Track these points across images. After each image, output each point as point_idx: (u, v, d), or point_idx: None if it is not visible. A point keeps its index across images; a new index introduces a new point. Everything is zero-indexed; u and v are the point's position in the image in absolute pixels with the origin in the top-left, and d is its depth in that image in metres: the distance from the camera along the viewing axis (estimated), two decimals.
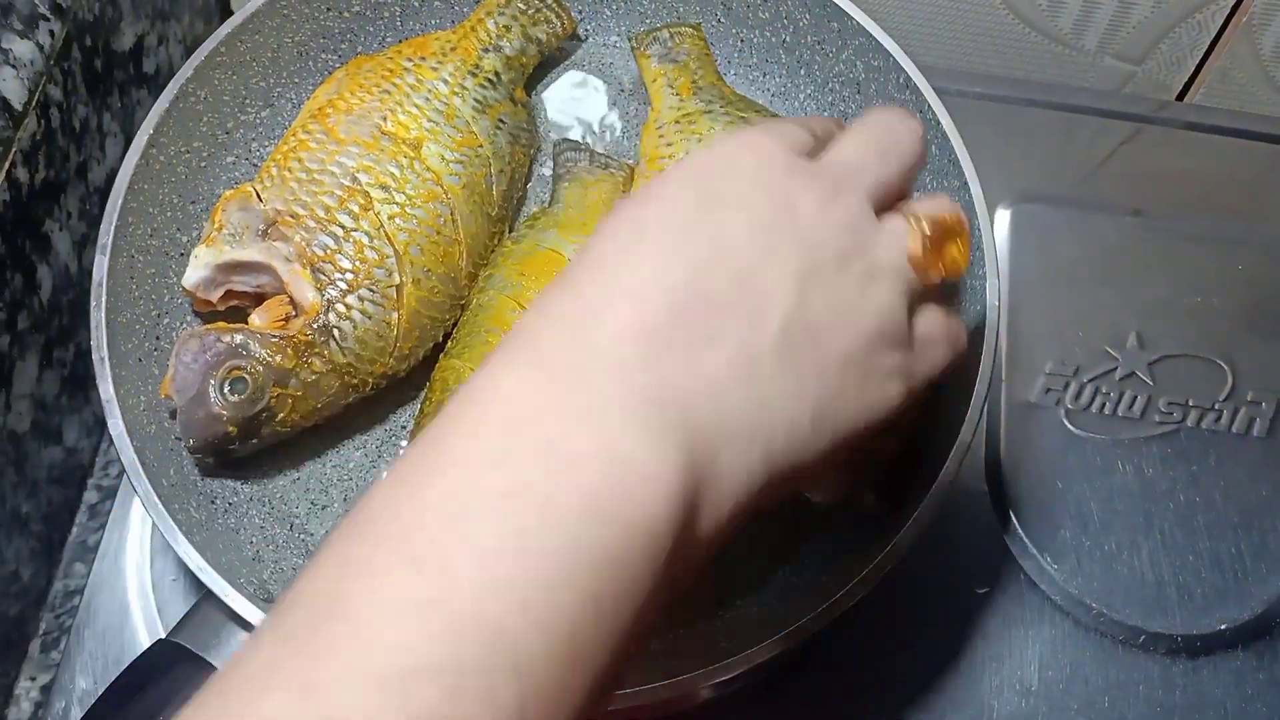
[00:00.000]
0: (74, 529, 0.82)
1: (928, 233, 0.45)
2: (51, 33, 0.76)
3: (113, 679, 0.58)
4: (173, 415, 0.63)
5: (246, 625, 0.56)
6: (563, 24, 0.78)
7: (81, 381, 0.83)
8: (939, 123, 0.67)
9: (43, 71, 0.75)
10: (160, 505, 0.58)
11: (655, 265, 0.40)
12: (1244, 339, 0.80)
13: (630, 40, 0.78)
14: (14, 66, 0.73)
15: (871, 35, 0.70)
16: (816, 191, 0.43)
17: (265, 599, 0.58)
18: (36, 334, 0.77)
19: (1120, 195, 0.87)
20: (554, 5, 0.78)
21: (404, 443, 0.69)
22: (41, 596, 0.80)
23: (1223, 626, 0.71)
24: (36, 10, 0.75)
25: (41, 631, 0.79)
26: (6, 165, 0.72)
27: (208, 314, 0.68)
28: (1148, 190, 0.88)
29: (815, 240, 0.42)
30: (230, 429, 0.61)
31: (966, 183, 0.65)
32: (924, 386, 0.47)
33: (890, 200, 0.46)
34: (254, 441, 0.64)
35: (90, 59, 0.82)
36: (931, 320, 0.46)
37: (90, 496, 0.84)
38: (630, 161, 0.76)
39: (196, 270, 0.65)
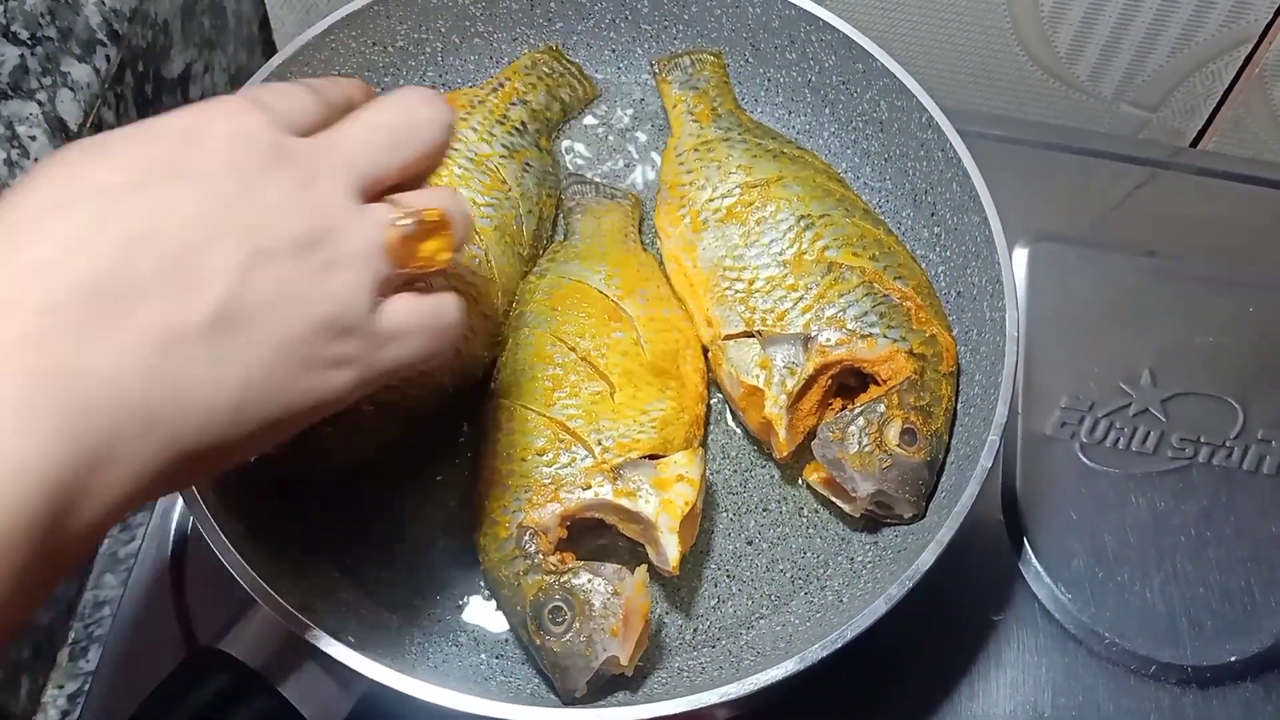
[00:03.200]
0: (105, 540, 0.84)
1: (407, 224, 0.44)
2: (108, 58, 0.79)
3: (146, 693, 0.59)
4: None
5: (290, 634, 0.57)
6: (585, 89, 0.82)
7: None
8: (960, 161, 0.70)
9: (98, 95, 0.79)
10: (205, 510, 0.59)
11: (76, 234, 0.37)
12: (1255, 379, 0.82)
13: (653, 65, 0.81)
14: (71, 89, 0.76)
15: (895, 76, 0.72)
16: (291, 175, 0.41)
17: (306, 609, 0.59)
18: None
19: (1135, 236, 0.90)
20: (577, 73, 0.82)
21: (458, 480, 0.70)
22: (71, 606, 0.82)
23: (1233, 658, 0.72)
24: (95, 36, 0.78)
25: (71, 640, 0.80)
26: None
27: None
28: (1162, 232, 0.90)
29: (273, 225, 0.40)
30: (283, 469, 0.63)
31: (986, 218, 0.68)
32: (390, 376, 0.45)
33: (385, 187, 0.45)
34: (302, 483, 0.65)
35: (141, 84, 0.85)
36: (405, 310, 0.45)
37: None
38: (639, 192, 0.79)
39: None
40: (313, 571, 0.65)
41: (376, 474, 0.69)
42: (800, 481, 0.70)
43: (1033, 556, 0.75)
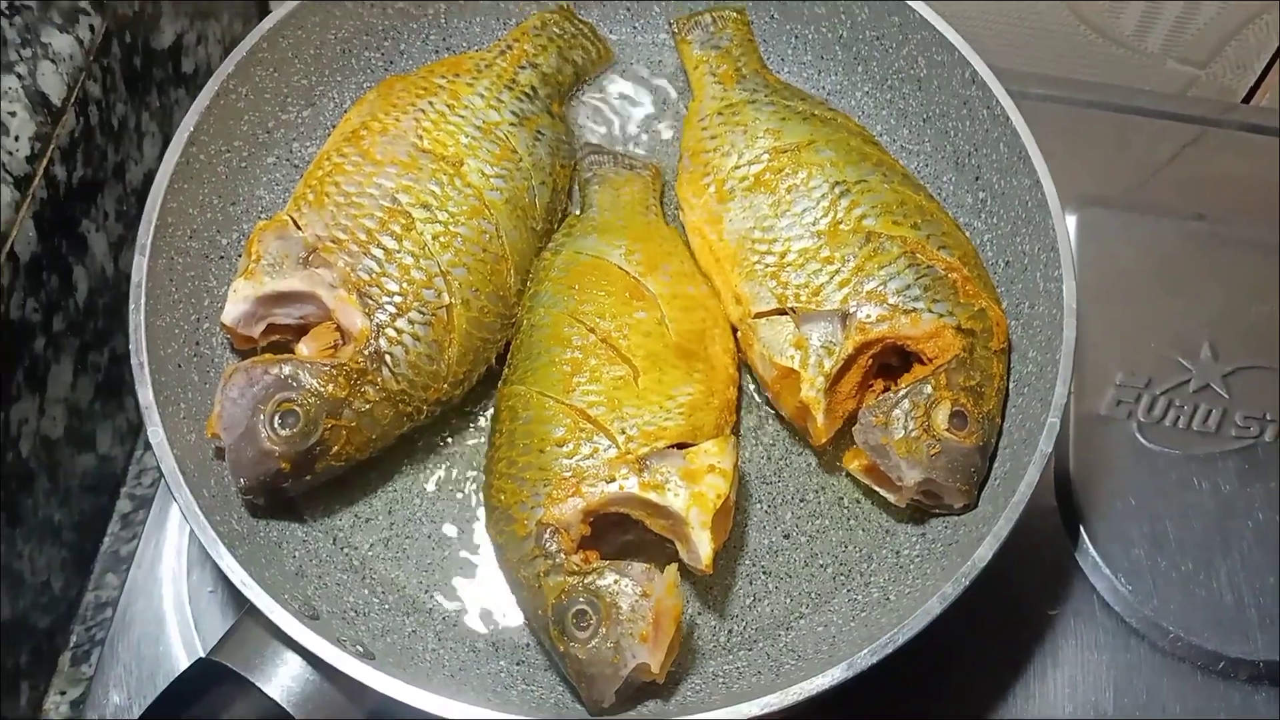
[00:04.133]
0: (106, 539, 0.81)
1: None
2: (91, 27, 0.75)
3: (150, 697, 0.56)
4: (220, 454, 0.61)
5: (290, 643, 0.53)
6: (598, 52, 0.77)
7: (116, 387, 0.81)
8: (1009, 119, 0.65)
9: (82, 67, 0.74)
10: (201, 516, 0.55)
11: None
12: None
13: (671, 25, 0.76)
14: (53, 61, 0.71)
15: (935, 29, 0.67)
16: None
17: (311, 616, 0.55)
18: (72, 337, 0.75)
19: (1183, 200, 0.85)
20: (590, 35, 0.77)
21: (472, 472, 0.66)
22: (73, 608, 0.78)
23: None
24: (76, 4, 0.74)
25: (72, 644, 0.77)
26: (45, 162, 0.70)
27: (248, 351, 0.66)
28: (1211, 195, 0.85)
29: None
30: (283, 465, 0.59)
31: (1038, 180, 0.63)
32: None
33: None
34: (307, 479, 0.61)
35: (129, 56, 0.80)
36: None
37: (123, 505, 0.82)
38: (659, 162, 0.74)
39: (236, 304, 0.62)
40: (317, 574, 0.61)
41: (383, 467, 0.65)
42: (840, 470, 0.65)
43: (1090, 546, 0.70)
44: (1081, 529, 0.71)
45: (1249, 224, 0.84)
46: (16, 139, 0.68)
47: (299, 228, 0.63)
